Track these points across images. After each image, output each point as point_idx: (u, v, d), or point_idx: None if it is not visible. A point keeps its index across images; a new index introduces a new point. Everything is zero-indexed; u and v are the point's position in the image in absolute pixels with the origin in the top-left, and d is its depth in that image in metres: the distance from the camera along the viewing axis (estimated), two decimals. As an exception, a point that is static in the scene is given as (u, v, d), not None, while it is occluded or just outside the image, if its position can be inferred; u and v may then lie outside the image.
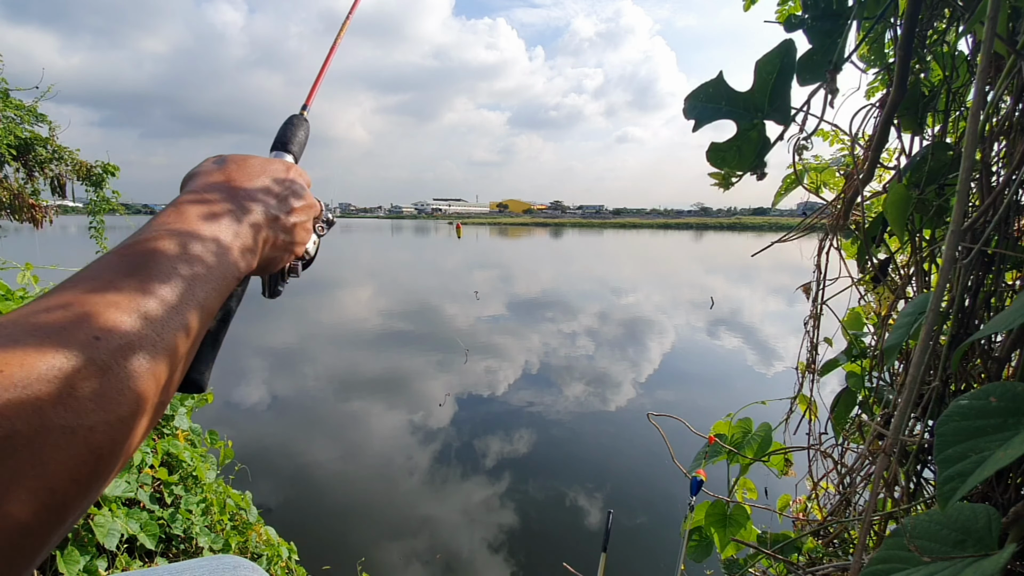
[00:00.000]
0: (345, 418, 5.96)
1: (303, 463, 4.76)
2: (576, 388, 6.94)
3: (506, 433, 5.48)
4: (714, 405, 6.27)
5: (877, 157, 0.88)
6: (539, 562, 3.45)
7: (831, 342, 1.21)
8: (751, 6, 1.08)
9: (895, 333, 0.73)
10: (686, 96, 0.75)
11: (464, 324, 11.15)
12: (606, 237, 70.57)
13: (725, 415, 1.26)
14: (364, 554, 3.23)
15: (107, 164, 5.28)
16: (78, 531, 1.51)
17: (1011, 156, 0.70)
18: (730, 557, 1.24)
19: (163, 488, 1.90)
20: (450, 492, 4.35)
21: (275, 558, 2.14)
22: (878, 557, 0.48)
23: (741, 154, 0.78)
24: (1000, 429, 0.43)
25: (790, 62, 0.70)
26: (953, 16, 0.83)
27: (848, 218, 1.00)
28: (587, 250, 42.80)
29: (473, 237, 64.11)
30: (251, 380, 7.02)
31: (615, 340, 9.68)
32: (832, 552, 1.08)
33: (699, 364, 8.34)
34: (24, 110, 4.58)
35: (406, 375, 7.55)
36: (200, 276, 0.34)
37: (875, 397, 0.99)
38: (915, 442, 0.80)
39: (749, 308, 13.67)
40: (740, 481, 1.23)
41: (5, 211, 4.64)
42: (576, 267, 27.35)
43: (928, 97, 0.89)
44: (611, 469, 4.77)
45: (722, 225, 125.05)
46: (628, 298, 15.25)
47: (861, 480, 1.00)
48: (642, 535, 3.75)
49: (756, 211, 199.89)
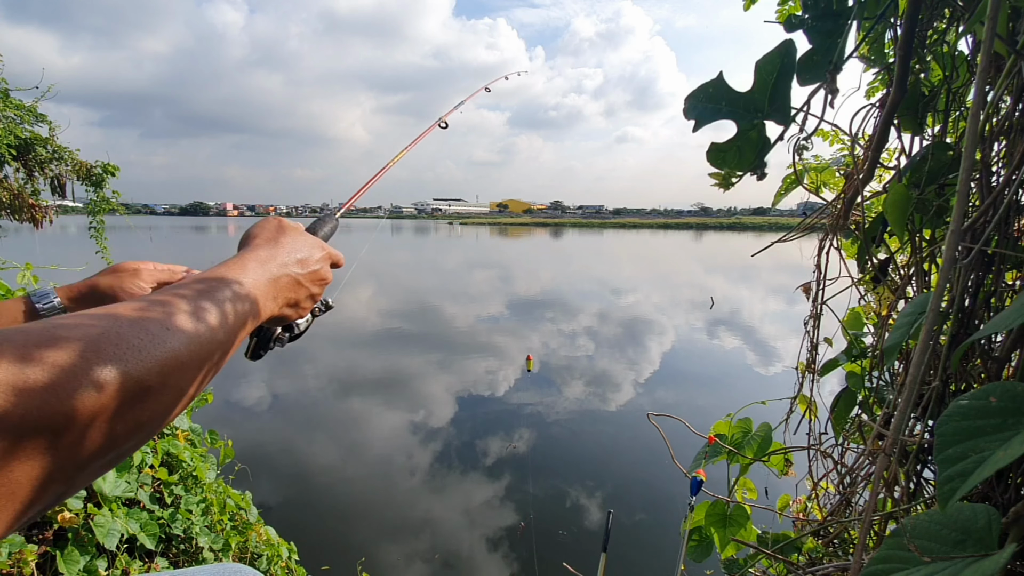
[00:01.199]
0: (345, 418, 5.97)
1: (303, 463, 4.76)
2: (576, 388, 6.94)
3: (506, 433, 5.48)
4: (714, 405, 6.27)
5: (877, 157, 0.88)
6: (539, 562, 3.44)
7: (831, 342, 1.21)
8: (751, 6, 1.08)
9: (895, 333, 0.73)
10: (686, 96, 0.75)
11: (464, 324, 11.15)
12: (606, 237, 70.56)
13: (725, 415, 1.27)
14: (364, 554, 3.23)
15: (107, 164, 5.27)
16: (78, 531, 1.51)
17: (1011, 156, 0.70)
18: (730, 557, 1.24)
19: (163, 488, 1.90)
20: (450, 492, 4.35)
21: (275, 558, 2.14)
22: (878, 557, 0.48)
23: (741, 154, 0.78)
24: (1000, 429, 0.43)
25: (790, 62, 0.70)
26: (953, 16, 0.83)
27: (848, 218, 1.00)
28: (587, 250, 42.79)
29: (473, 237, 64.11)
30: (251, 380, 7.02)
31: (615, 340, 9.67)
32: (832, 552, 1.08)
33: (699, 364, 8.34)
34: (24, 110, 4.57)
35: (406, 375, 7.55)
36: (231, 312, 0.45)
37: (875, 397, 0.99)
38: (915, 442, 0.80)
39: (749, 308, 13.66)
40: (740, 481, 1.23)
41: (5, 211, 4.64)
42: (576, 267, 27.35)
43: (928, 97, 0.89)
44: (611, 469, 4.77)
45: (722, 225, 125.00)
46: (628, 298, 15.25)
47: (861, 480, 1.00)
48: (642, 535, 3.75)
49: (756, 211, 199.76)
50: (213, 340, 0.40)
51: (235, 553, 2.02)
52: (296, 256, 0.57)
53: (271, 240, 0.57)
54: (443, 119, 1.12)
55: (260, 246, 0.55)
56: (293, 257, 0.57)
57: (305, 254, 0.59)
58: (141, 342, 0.33)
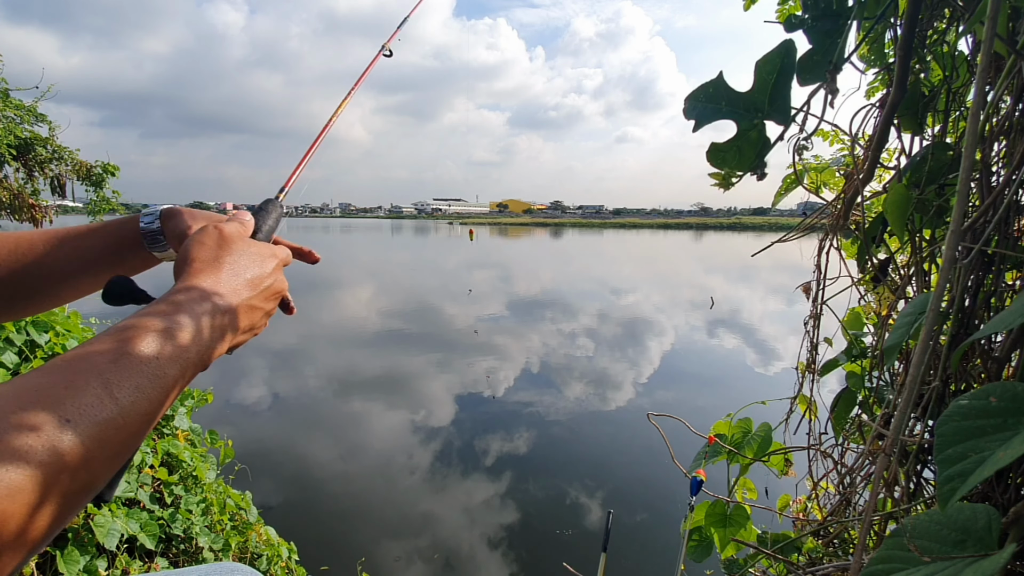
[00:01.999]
0: (345, 418, 5.97)
1: (303, 463, 4.76)
2: (576, 388, 6.94)
3: (506, 433, 5.48)
4: (714, 405, 6.27)
5: (877, 157, 0.88)
6: (539, 562, 3.44)
7: (831, 342, 1.21)
8: (751, 6, 1.08)
9: (895, 333, 0.73)
10: (686, 96, 0.75)
11: (464, 324, 11.15)
12: (606, 237, 70.56)
13: (725, 415, 1.26)
14: (364, 554, 3.23)
15: (107, 164, 5.28)
16: (78, 531, 1.51)
17: (1011, 156, 0.70)
18: (730, 557, 1.24)
19: (163, 488, 1.90)
20: (450, 492, 4.35)
21: (275, 558, 2.14)
22: (878, 557, 0.48)
23: (741, 154, 0.78)
24: (1000, 429, 0.43)
25: (790, 62, 0.70)
26: (953, 16, 0.83)
27: (848, 218, 1.00)
28: (587, 250, 42.79)
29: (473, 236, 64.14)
30: (251, 380, 7.02)
31: (615, 340, 9.67)
32: (832, 552, 1.08)
33: (699, 364, 8.34)
34: (24, 110, 4.58)
35: (406, 375, 7.55)
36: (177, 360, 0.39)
37: (875, 397, 0.99)
38: (915, 442, 0.80)
39: (749, 308, 13.67)
40: (740, 481, 1.23)
41: (5, 211, 4.64)
42: (576, 267, 27.36)
43: (928, 97, 0.89)
44: (611, 469, 4.77)
45: (722, 225, 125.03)
46: (628, 298, 15.25)
47: (861, 480, 1.00)
48: (642, 535, 3.75)
49: (756, 211, 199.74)
50: (135, 414, 0.34)
51: (235, 553, 2.02)
52: (245, 277, 0.49)
53: (213, 263, 0.48)
54: (386, 46, 0.99)
55: (200, 272, 0.47)
56: (242, 279, 0.49)
57: (255, 271, 0.51)
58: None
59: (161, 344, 0.38)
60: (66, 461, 0.29)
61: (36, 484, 0.28)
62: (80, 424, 0.31)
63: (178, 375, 0.38)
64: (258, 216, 0.60)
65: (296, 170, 0.71)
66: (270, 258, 0.53)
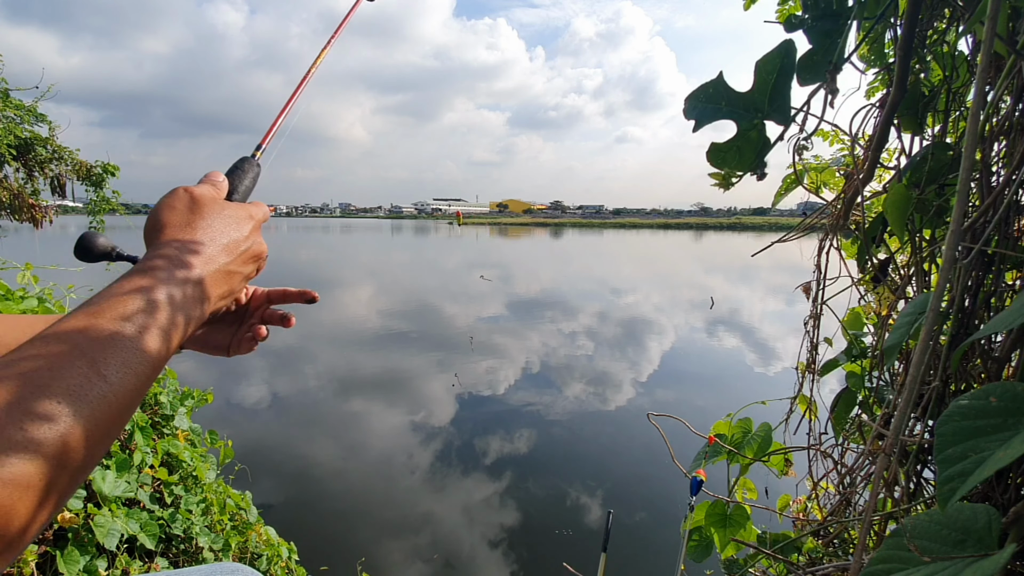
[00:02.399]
0: (345, 417, 5.97)
1: (303, 463, 4.76)
2: (576, 388, 6.94)
3: (506, 432, 5.48)
4: (714, 405, 6.27)
5: (877, 157, 0.88)
6: (539, 562, 3.44)
7: (831, 342, 1.21)
8: (751, 6, 1.08)
9: (895, 333, 0.73)
10: (686, 96, 0.75)
11: (464, 324, 11.15)
12: (606, 237, 70.57)
13: (725, 415, 1.26)
14: (364, 554, 3.23)
15: (107, 164, 5.27)
16: (78, 531, 1.51)
17: (1011, 156, 0.70)
18: (730, 557, 1.24)
19: (163, 488, 1.90)
20: (450, 491, 4.35)
21: (275, 558, 2.14)
22: (878, 557, 0.48)
23: (741, 154, 0.78)
24: (1000, 429, 0.43)
25: (790, 62, 0.70)
26: (953, 16, 0.83)
27: (848, 218, 1.00)
28: (587, 250, 42.79)
29: (473, 237, 64.08)
30: (251, 380, 7.02)
31: (615, 340, 9.67)
32: (832, 552, 1.08)
33: (699, 364, 8.34)
34: (24, 110, 4.57)
35: (406, 375, 7.55)
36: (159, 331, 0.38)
37: (875, 397, 0.99)
38: (915, 442, 0.80)
39: (749, 308, 13.66)
40: (740, 481, 1.23)
41: (5, 211, 4.64)
42: (576, 267, 27.35)
43: (928, 97, 0.89)
44: (611, 469, 4.77)
45: (722, 225, 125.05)
46: (628, 298, 15.25)
47: (861, 480, 1.00)
48: (642, 535, 3.75)
49: (756, 211, 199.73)
50: (124, 390, 0.34)
51: (235, 553, 2.02)
52: (221, 242, 0.47)
53: (185, 227, 0.45)
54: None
55: (173, 239, 0.44)
56: (218, 245, 0.46)
57: (231, 235, 0.48)
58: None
59: (142, 317, 0.37)
60: (68, 444, 0.30)
61: (42, 471, 0.28)
62: (76, 404, 0.31)
63: (161, 347, 0.38)
64: (232, 176, 0.56)
65: (274, 124, 0.65)
66: (246, 220, 0.50)
